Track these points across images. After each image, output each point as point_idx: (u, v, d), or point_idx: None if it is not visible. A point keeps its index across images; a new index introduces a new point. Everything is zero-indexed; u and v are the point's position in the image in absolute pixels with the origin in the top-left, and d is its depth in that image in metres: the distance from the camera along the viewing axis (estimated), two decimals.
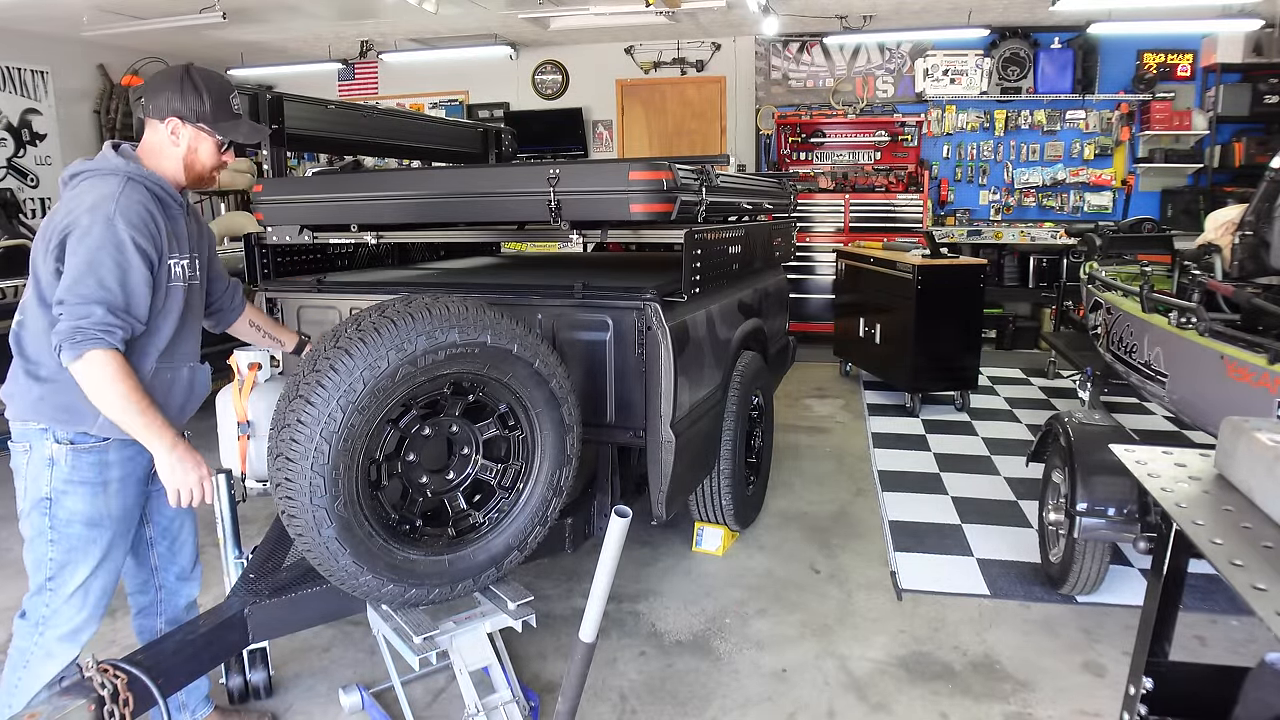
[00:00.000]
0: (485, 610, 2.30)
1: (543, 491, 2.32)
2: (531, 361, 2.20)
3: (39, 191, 8.11)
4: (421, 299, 2.05)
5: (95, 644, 2.94)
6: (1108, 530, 2.70)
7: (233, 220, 6.23)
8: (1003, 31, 7.95)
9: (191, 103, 2.00)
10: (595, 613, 1.80)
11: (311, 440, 1.88)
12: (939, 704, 2.56)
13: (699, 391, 3.07)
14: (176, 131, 2.01)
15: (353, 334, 1.95)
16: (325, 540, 1.94)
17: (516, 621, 2.27)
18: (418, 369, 1.98)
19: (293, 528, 1.96)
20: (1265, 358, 2.87)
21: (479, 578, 2.26)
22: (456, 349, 2.03)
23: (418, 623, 2.17)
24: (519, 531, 2.30)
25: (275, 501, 1.97)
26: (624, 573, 3.42)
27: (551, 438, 2.30)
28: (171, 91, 1.99)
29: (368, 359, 1.91)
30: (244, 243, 3.33)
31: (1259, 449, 1.49)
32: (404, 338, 1.95)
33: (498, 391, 2.22)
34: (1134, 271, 4.58)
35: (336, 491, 1.92)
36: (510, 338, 2.14)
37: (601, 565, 1.75)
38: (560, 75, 9.35)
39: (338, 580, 2.03)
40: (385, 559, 2.05)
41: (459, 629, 2.21)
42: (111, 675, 1.74)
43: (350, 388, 1.89)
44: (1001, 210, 8.33)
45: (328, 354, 1.93)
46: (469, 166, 5.38)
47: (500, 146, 5.91)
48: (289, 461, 1.89)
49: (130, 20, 7.30)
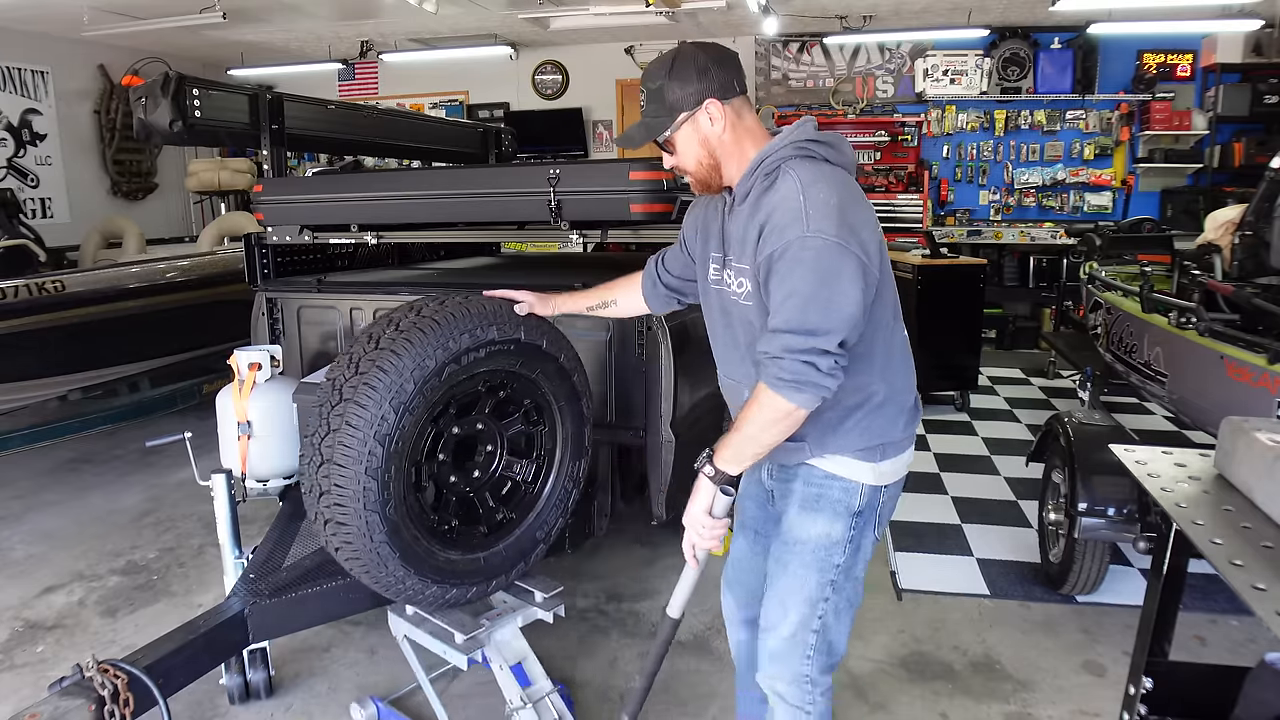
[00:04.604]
0: (514, 604, 2.31)
1: (564, 484, 2.34)
2: (557, 356, 2.22)
3: (39, 191, 8.10)
4: (455, 297, 2.04)
5: (95, 644, 2.95)
6: (1108, 530, 2.70)
7: (233, 220, 6.22)
8: (1003, 32, 7.95)
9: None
10: (684, 593, 1.83)
11: (365, 444, 1.83)
12: (939, 704, 2.56)
13: (699, 391, 3.07)
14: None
15: (394, 334, 1.92)
16: (376, 546, 1.90)
17: (548, 613, 2.27)
18: (460, 367, 1.98)
19: (339, 536, 1.91)
20: (1265, 358, 2.87)
21: (510, 573, 2.27)
22: (495, 346, 2.04)
23: (461, 623, 2.16)
24: (544, 524, 2.32)
25: (317, 509, 1.91)
26: (624, 572, 3.42)
27: (573, 431, 2.33)
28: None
29: (416, 358, 1.88)
30: (244, 243, 3.33)
31: (1259, 449, 1.49)
32: (448, 336, 1.94)
33: (525, 387, 2.23)
34: (1134, 271, 4.58)
35: (387, 495, 1.89)
36: (540, 333, 2.16)
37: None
38: (560, 75, 9.35)
39: (383, 587, 1.99)
40: (429, 561, 2.04)
41: (494, 625, 2.21)
42: (112, 675, 1.75)
43: (401, 388, 1.87)
44: (1001, 210, 8.32)
45: (371, 355, 1.89)
46: (469, 166, 5.38)
47: (500, 146, 5.91)
48: (339, 467, 1.84)
49: (130, 20, 7.29)
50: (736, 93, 1.63)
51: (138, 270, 5.04)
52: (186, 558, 3.66)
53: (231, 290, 4.98)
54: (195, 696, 2.55)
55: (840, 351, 1.48)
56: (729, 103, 1.62)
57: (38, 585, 3.43)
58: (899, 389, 1.70)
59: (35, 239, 5.93)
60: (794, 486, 1.75)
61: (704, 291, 1.83)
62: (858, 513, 1.70)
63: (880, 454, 1.68)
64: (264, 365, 2.70)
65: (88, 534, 3.93)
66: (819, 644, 1.76)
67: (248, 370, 2.67)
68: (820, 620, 1.74)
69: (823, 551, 1.71)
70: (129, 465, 4.87)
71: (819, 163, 1.57)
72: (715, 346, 1.88)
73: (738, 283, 1.65)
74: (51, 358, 4.48)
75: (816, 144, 1.59)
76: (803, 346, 1.46)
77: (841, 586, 1.74)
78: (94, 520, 4.10)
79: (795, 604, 1.74)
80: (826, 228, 1.47)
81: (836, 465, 1.69)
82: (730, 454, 1.59)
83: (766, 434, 1.55)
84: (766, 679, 1.82)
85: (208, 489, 2.48)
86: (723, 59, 1.63)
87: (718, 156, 1.65)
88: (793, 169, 1.55)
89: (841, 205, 1.49)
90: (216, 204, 8.26)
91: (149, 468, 4.77)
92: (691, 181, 1.72)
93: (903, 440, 1.73)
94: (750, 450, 1.58)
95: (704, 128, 1.62)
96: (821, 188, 1.50)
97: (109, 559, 3.66)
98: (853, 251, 1.48)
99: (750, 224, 1.59)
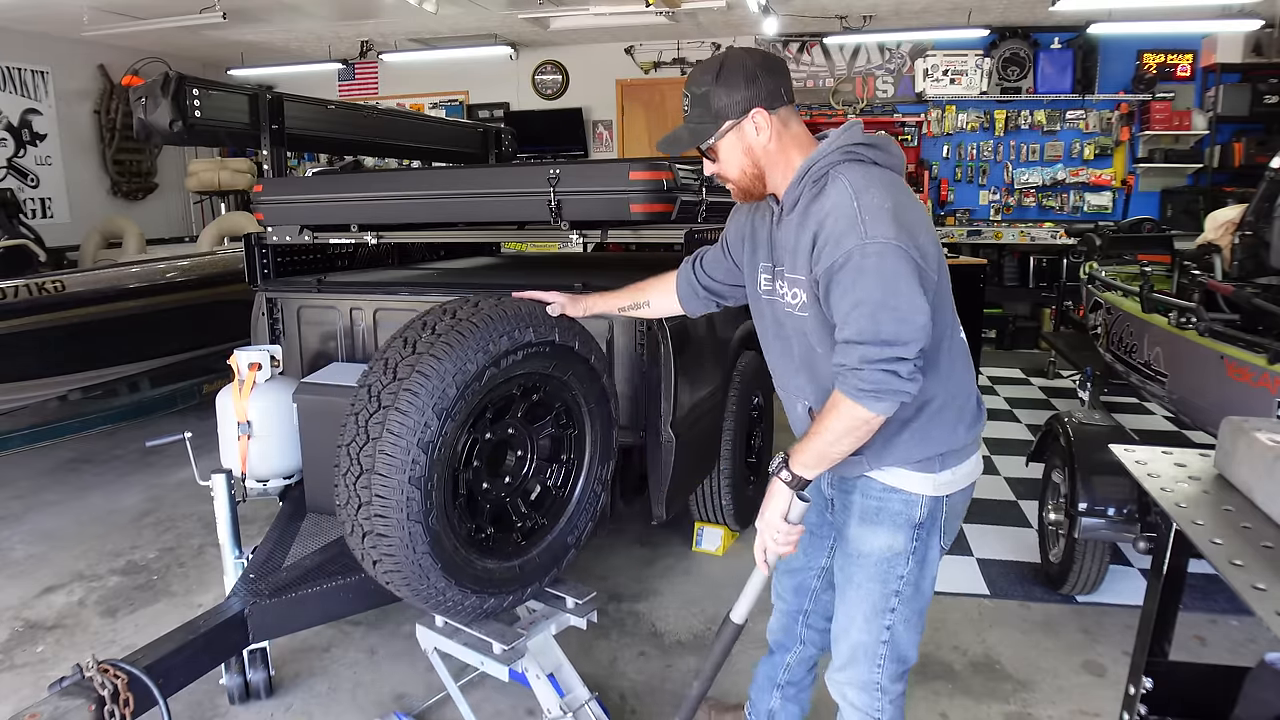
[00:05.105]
0: (546, 612, 2.26)
1: (593, 486, 2.31)
2: (589, 358, 2.20)
3: (39, 191, 8.11)
4: (489, 299, 2.00)
5: (95, 644, 2.95)
6: (1108, 530, 2.70)
7: (233, 220, 6.22)
8: (1003, 32, 7.94)
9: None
10: (749, 599, 1.78)
11: (407, 452, 1.77)
12: (939, 704, 2.56)
13: (699, 391, 3.07)
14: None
15: (431, 338, 1.86)
16: (419, 557, 1.84)
17: (581, 620, 2.22)
18: (500, 370, 1.94)
19: (380, 548, 1.84)
20: (1265, 358, 2.87)
21: (544, 579, 2.23)
22: (532, 348, 2.01)
23: (499, 632, 2.10)
24: (574, 528, 2.29)
25: (354, 522, 1.85)
26: (623, 572, 3.42)
27: (601, 433, 2.30)
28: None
29: (457, 362, 1.83)
30: (244, 243, 3.33)
31: (1259, 449, 1.49)
32: (488, 339, 1.89)
33: (557, 390, 2.19)
34: (1134, 271, 4.58)
35: (430, 505, 1.83)
36: (572, 335, 2.13)
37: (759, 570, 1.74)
38: (560, 75, 9.35)
39: (423, 599, 1.94)
40: (468, 570, 1.99)
41: (529, 634, 2.14)
42: (112, 675, 1.75)
43: (444, 393, 1.81)
44: (1001, 210, 8.32)
45: (409, 360, 1.83)
46: (469, 166, 5.38)
47: (500, 146, 5.91)
48: (381, 477, 1.78)
49: (130, 20, 7.30)
50: (784, 101, 1.59)
51: (138, 270, 5.04)
52: (186, 558, 3.66)
53: (231, 290, 4.98)
54: (195, 696, 2.55)
55: (918, 356, 1.46)
56: (775, 112, 1.58)
57: (38, 585, 3.43)
58: (956, 393, 1.66)
59: (35, 239, 5.93)
60: (853, 499, 1.73)
61: (754, 300, 1.81)
62: (919, 524, 1.68)
63: (940, 464, 1.66)
64: (264, 365, 2.71)
65: (88, 534, 3.93)
66: (889, 654, 1.75)
67: (248, 370, 2.68)
68: (889, 631, 1.73)
69: (885, 565, 1.69)
70: (129, 465, 4.87)
71: (868, 165, 1.54)
72: (769, 357, 1.84)
73: (791, 294, 1.61)
74: (51, 358, 4.48)
75: (865, 147, 1.56)
76: (881, 356, 1.43)
77: (908, 599, 1.72)
78: (94, 520, 4.10)
79: (862, 616, 1.74)
80: (885, 232, 1.43)
81: (894, 478, 1.67)
82: (807, 459, 1.55)
83: (844, 441, 1.52)
84: (836, 685, 1.83)
85: (208, 489, 2.47)
86: (771, 66, 1.59)
87: (762, 166, 1.61)
88: (841, 174, 1.51)
89: (896, 208, 1.46)
90: (216, 204, 8.26)
91: (149, 468, 4.77)
92: (733, 190, 1.69)
93: (965, 447, 1.70)
94: (828, 456, 1.55)
95: (749, 137, 1.59)
96: (875, 192, 1.47)
97: (109, 559, 3.66)
98: (911, 256, 1.45)
99: (801, 233, 1.55)
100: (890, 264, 1.43)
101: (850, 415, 1.48)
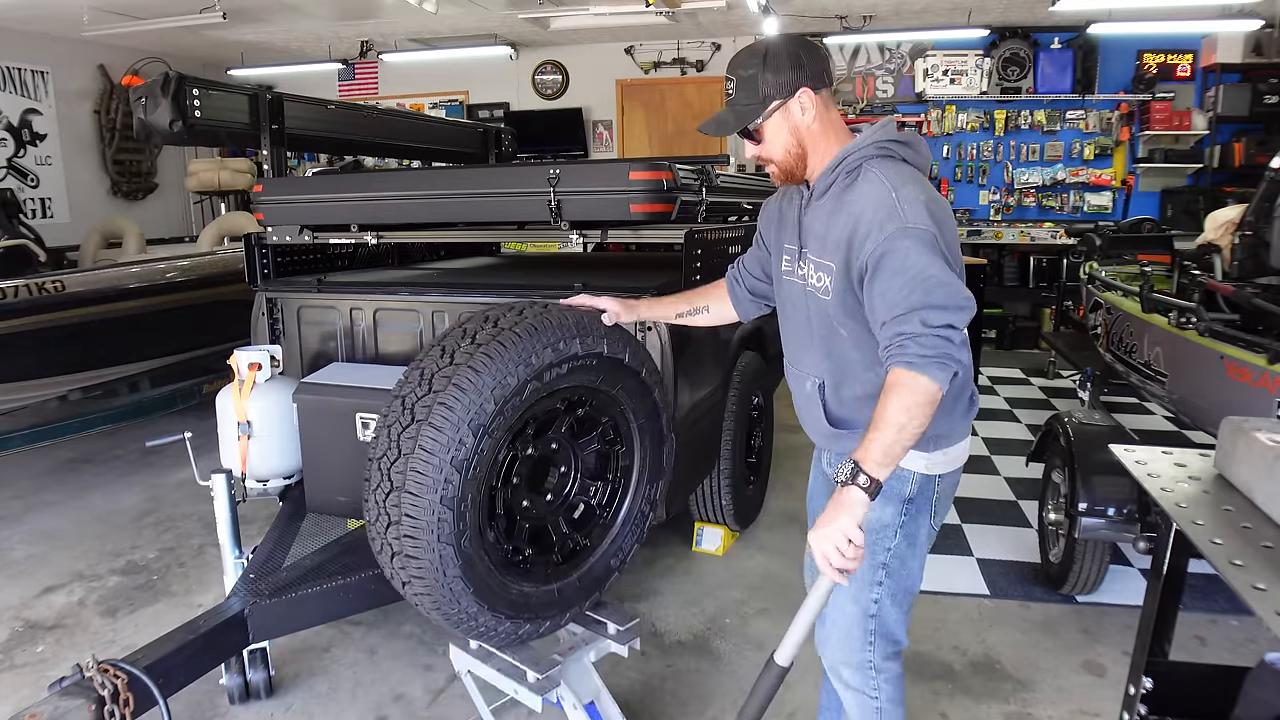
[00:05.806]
0: (585, 637, 2.14)
1: (640, 506, 2.19)
2: (639, 371, 2.09)
3: (39, 191, 8.11)
4: (535, 307, 1.88)
5: (95, 644, 2.95)
6: (1108, 530, 2.70)
7: (233, 220, 6.22)
8: (1003, 32, 7.94)
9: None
10: (795, 639, 1.57)
11: (440, 470, 1.68)
12: (939, 704, 2.56)
13: (699, 391, 3.07)
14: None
15: (471, 348, 1.76)
16: (449, 581, 1.75)
17: (623, 647, 2.10)
18: (542, 384, 1.82)
19: (409, 569, 1.76)
20: (1265, 358, 2.87)
21: (584, 604, 2.12)
22: (578, 361, 1.89)
23: (534, 659, 1.98)
24: (619, 550, 2.18)
25: (383, 540, 1.76)
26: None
27: (651, 451, 2.17)
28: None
29: (497, 375, 1.72)
30: (244, 243, 3.33)
31: (1259, 449, 1.49)
32: (530, 350, 1.77)
33: (604, 404, 2.08)
34: (1134, 271, 4.58)
35: (463, 526, 1.74)
36: (622, 345, 2.02)
37: (810, 598, 1.57)
38: (560, 75, 9.35)
39: (454, 623, 1.85)
40: (502, 594, 1.89)
41: (566, 661, 2.03)
42: (112, 675, 1.75)
43: (481, 408, 1.70)
44: (1001, 210, 8.32)
45: (446, 372, 1.73)
46: (469, 166, 5.38)
47: (500, 146, 5.92)
48: (412, 495, 1.69)
49: (130, 20, 7.30)
50: (825, 84, 1.65)
51: (138, 270, 5.04)
52: (186, 558, 3.66)
53: (231, 290, 4.98)
54: (195, 696, 2.55)
55: (963, 330, 1.50)
56: (819, 93, 1.64)
57: (38, 585, 3.43)
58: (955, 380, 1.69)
59: (35, 239, 5.93)
60: None
61: (777, 280, 1.85)
62: (909, 500, 1.71)
63: (933, 444, 1.68)
64: (264, 365, 2.71)
65: (88, 534, 3.93)
66: (878, 629, 1.77)
67: (248, 370, 2.68)
68: (876, 605, 1.76)
69: (873, 536, 1.71)
70: (129, 465, 4.87)
71: (898, 163, 1.60)
72: (785, 334, 1.87)
73: (816, 276, 1.66)
74: (51, 358, 4.48)
75: (897, 144, 1.62)
76: (940, 321, 1.46)
77: (895, 572, 1.74)
78: (94, 520, 4.10)
79: (851, 588, 1.75)
80: (924, 220, 1.50)
81: None
82: (881, 456, 1.45)
83: (915, 421, 1.44)
84: (832, 669, 1.85)
85: (208, 489, 2.47)
86: (813, 51, 1.65)
87: (805, 146, 1.66)
88: (875, 168, 1.57)
89: (929, 203, 1.53)
90: (216, 204, 8.26)
91: (149, 468, 4.77)
92: (774, 172, 1.72)
93: (957, 431, 1.73)
94: (900, 444, 1.45)
95: (795, 116, 1.64)
96: (911, 187, 1.54)
97: (109, 559, 3.66)
98: (940, 249, 1.51)
99: (833, 220, 1.60)
100: (930, 247, 1.50)
101: (914, 390, 1.44)
